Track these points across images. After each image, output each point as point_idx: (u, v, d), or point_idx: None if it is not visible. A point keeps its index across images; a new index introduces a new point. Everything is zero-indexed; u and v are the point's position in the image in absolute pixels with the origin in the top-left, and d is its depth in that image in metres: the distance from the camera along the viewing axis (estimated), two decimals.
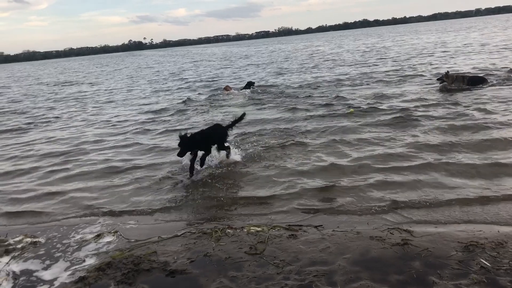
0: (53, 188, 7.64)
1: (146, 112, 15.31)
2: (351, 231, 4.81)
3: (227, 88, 18.70)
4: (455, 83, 13.57)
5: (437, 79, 14.24)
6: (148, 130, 11.99)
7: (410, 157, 7.34)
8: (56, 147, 10.98)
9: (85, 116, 16.11)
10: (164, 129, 11.90)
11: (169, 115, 14.16)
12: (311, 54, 43.53)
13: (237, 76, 26.79)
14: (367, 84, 16.79)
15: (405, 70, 19.94)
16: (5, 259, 4.95)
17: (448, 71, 14.00)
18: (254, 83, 19.03)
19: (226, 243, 4.73)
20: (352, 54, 36.59)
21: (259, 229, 4.98)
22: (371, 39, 67.02)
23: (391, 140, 8.47)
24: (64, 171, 8.71)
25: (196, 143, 7.29)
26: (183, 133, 7.25)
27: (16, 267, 4.76)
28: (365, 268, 3.96)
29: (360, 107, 11.97)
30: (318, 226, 4.97)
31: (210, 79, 26.13)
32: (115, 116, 15.25)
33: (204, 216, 5.77)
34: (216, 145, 7.79)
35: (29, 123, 15.52)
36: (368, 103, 12.47)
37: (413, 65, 21.79)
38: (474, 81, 13.66)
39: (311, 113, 11.92)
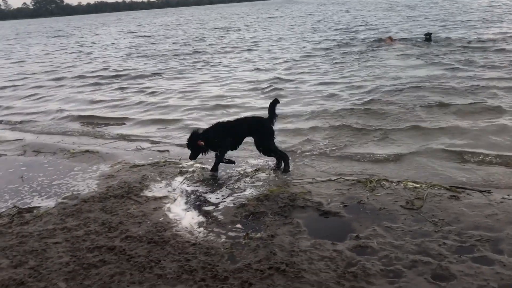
0: None
1: (299, 61, 15.48)
2: None
3: (390, 39, 17.64)
4: None
5: None
6: (304, 80, 12.08)
7: None
8: (222, 92, 11.79)
9: (241, 63, 16.90)
10: (320, 80, 11.91)
11: (327, 64, 14.08)
12: (492, 4, 37.98)
13: (403, 27, 24.78)
14: None
15: None
16: (180, 178, 5.68)
17: None
18: (431, 34, 16.98)
19: (381, 194, 4.69)
20: None
21: (417, 185, 4.81)
22: None
23: None
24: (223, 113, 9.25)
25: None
26: None
27: (188, 187, 5.43)
28: None
29: None
30: (485, 191, 4.58)
31: (371, 29, 24.79)
32: (266, 64, 15.76)
33: (357, 167, 5.74)
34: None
35: (192, 66, 16.88)
36: None
37: None
38: None
39: (488, 80, 10.01)
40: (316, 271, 3.42)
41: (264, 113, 8.72)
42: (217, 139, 5.57)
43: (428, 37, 16.76)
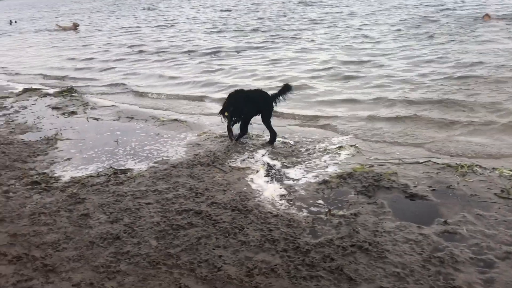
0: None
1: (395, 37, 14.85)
2: None
3: (488, 16, 16.12)
4: None
5: None
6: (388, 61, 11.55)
7: None
8: (301, 73, 11.51)
9: (322, 40, 16.45)
10: (405, 63, 11.18)
11: (416, 45, 13.36)
12: None
13: (506, 1, 22.33)
14: None
15: None
16: (262, 151, 5.79)
17: None
18: None
19: (473, 180, 4.46)
20: None
21: None
22: None
23: None
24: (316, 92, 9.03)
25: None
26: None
27: (269, 160, 5.51)
28: None
29: None
30: None
31: (467, 5, 22.54)
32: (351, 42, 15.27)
33: (442, 154, 5.41)
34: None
35: (271, 42, 16.62)
36: None
37: None
38: None
39: None
40: (400, 253, 3.37)
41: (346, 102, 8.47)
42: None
43: None
